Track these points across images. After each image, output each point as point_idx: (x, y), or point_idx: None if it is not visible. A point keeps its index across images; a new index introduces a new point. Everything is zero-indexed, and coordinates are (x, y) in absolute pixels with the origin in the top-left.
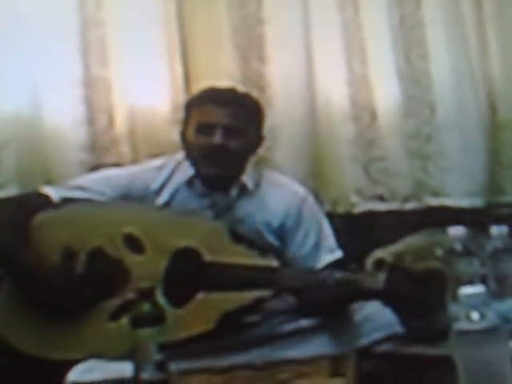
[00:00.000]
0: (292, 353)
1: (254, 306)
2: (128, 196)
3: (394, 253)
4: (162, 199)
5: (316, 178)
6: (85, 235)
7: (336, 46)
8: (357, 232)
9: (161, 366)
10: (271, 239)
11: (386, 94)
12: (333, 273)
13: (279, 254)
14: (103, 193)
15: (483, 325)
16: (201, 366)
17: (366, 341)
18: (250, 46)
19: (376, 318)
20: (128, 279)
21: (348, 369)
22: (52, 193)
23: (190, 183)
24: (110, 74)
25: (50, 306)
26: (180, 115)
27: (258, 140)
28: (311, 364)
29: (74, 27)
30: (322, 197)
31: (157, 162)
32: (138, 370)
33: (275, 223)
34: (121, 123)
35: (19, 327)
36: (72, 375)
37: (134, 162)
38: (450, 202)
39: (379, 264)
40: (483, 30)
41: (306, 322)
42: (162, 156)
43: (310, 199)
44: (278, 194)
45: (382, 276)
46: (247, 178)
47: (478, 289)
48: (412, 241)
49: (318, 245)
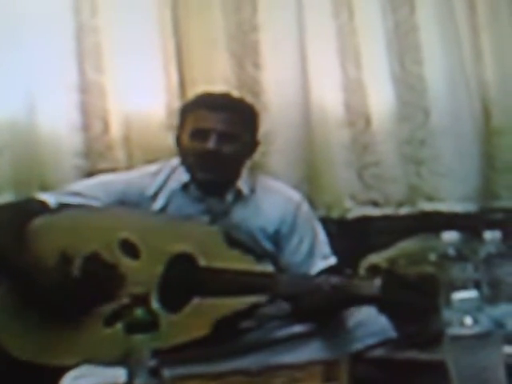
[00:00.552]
0: (286, 358)
1: (249, 312)
2: (123, 202)
3: (388, 258)
4: (157, 205)
5: (310, 183)
6: (81, 240)
7: (330, 51)
8: (351, 237)
9: (155, 372)
10: (266, 245)
11: (381, 99)
12: (328, 278)
13: (274, 259)
14: (98, 198)
15: (476, 330)
16: (195, 372)
17: (359, 346)
18: (245, 51)
19: (369, 324)
20: (123, 284)
21: (341, 374)
22: (48, 199)
23: (185, 188)
24: (105, 79)
25: (46, 311)
26: (175, 121)
27: (252, 145)
28: (305, 369)
29: (69, 33)
30: (316, 202)
31: (152, 167)
32: (131, 375)
33: (270, 229)
34: (116, 129)
35: (14, 332)
36: (65, 381)
37: (130, 167)
38: (444, 207)
39: (373, 269)
40: (477, 36)
41: (300, 328)
42: (158, 161)
43: (305, 205)
44: (273, 199)
45: (376, 282)
46: (242, 183)
47: (472, 294)
48: (406, 246)
49: (312, 251)
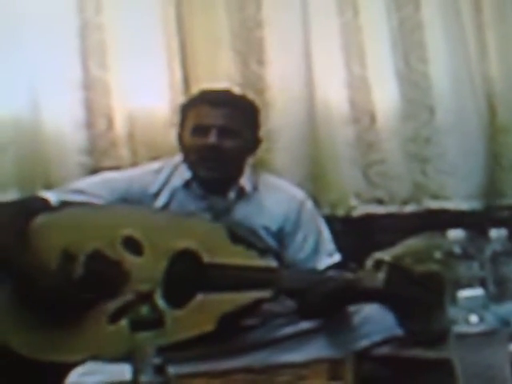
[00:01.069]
0: (291, 356)
1: (253, 308)
2: (126, 199)
3: (393, 256)
4: (160, 202)
5: (315, 181)
6: (84, 238)
7: (335, 48)
8: (356, 235)
9: (160, 370)
10: (270, 242)
11: (385, 96)
12: (332, 272)
13: (278, 257)
14: (101, 196)
15: (482, 328)
16: (200, 370)
17: (364, 343)
18: (250, 48)
19: (375, 321)
20: (127, 281)
21: (346, 372)
22: (51, 196)
23: (187, 186)
24: (109, 76)
25: (50, 309)
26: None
27: (254, 141)
28: (310, 367)
29: (73, 30)
30: (320, 200)
31: (155, 165)
32: (136, 373)
33: (274, 227)
34: (120, 126)
35: (19, 330)
36: (71, 378)
37: (134, 164)
38: (450, 205)
39: (378, 264)
40: (482, 33)
41: (304, 325)
42: (161, 159)
43: (309, 203)
44: (276, 197)
45: (381, 275)
46: (245, 180)
47: (477, 292)
48: (411, 244)
49: (316, 249)
